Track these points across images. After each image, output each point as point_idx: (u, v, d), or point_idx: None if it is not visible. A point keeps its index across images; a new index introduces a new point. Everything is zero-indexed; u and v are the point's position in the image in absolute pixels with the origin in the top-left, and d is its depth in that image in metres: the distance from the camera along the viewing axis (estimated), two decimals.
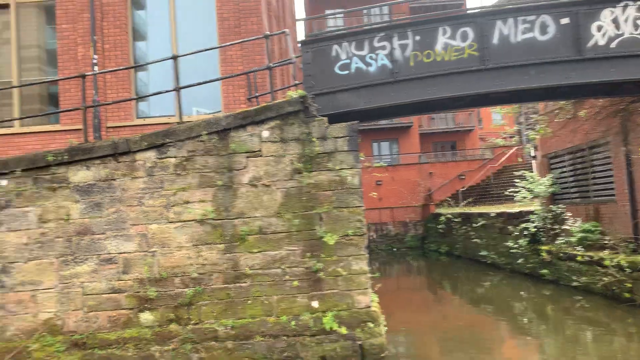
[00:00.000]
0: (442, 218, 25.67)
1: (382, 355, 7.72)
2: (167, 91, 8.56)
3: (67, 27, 10.89)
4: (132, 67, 8.95)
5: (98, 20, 10.72)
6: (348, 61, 8.42)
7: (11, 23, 11.17)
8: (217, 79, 9.13)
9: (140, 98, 8.61)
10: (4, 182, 8.03)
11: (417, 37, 8.35)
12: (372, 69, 8.39)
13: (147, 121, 10.85)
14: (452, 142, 38.31)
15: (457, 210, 25.63)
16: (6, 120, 9.67)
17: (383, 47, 8.36)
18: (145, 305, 7.86)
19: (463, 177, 30.83)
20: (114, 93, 10.70)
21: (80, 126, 10.67)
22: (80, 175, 8.07)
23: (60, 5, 10.97)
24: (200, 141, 8.19)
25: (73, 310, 7.81)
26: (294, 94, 8.29)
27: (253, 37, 8.96)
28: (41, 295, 7.87)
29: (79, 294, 7.87)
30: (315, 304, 7.94)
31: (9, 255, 7.91)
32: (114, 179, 8.09)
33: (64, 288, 7.87)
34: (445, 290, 17.84)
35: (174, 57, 8.35)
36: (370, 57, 8.38)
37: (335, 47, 8.43)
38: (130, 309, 7.86)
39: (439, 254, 25.67)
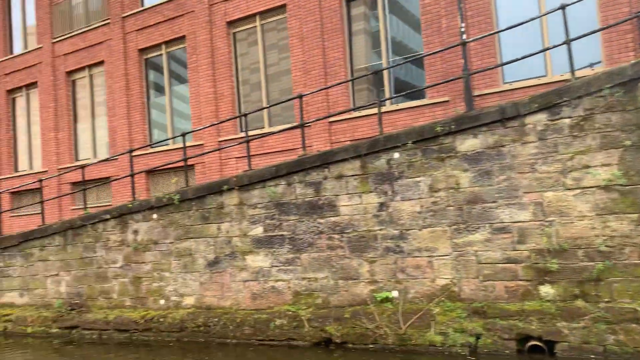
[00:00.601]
0: None
1: None
2: (555, 46, 7.77)
3: (430, 2, 11.15)
4: (502, 30, 8.44)
5: None
6: None
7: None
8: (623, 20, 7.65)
9: (522, 58, 8.02)
10: (397, 155, 8.58)
11: None
12: None
13: (514, 85, 10.31)
14: None
15: None
16: (387, 99, 10.45)
17: None
18: (545, 277, 7.36)
19: None
20: (479, 60, 10.49)
21: (446, 98, 10.88)
22: (467, 143, 8.04)
23: None
24: (600, 97, 7.18)
25: (470, 277, 7.86)
26: None
27: None
28: (437, 261, 8.16)
29: (474, 262, 7.87)
30: None
31: (405, 222, 8.44)
32: (502, 146, 7.79)
33: (458, 256, 7.99)
34: None
35: (562, 7, 7.50)
36: None
37: None
38: (528, 280, 7.47)
39: None
